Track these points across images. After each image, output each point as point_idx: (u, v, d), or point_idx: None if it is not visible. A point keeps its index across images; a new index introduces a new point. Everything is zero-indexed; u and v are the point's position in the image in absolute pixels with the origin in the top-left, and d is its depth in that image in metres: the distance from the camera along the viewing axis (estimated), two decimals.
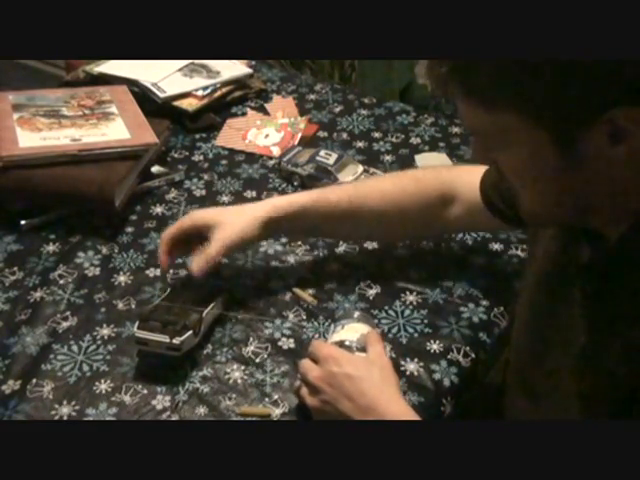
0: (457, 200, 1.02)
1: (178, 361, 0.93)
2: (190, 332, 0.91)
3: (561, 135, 0.63)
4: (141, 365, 0.94)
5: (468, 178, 1.00)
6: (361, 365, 0.85)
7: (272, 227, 1.00)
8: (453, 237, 1.15)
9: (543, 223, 0.79)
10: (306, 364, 0.87)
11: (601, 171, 0.65)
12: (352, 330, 0.91)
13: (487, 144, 0.70)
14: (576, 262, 0.75)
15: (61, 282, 1.07)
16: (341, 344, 0.89)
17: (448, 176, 1.03)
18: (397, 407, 0.82)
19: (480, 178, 0.97)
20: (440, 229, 1.10)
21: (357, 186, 1.07)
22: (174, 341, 0.90)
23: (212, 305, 0.97)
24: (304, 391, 0.87)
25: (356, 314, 0.94)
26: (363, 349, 0.88)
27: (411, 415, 0.82)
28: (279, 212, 0.99)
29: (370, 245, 1.13)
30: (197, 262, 0.97)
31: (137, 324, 0.92)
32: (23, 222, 1.16)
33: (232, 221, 0.99)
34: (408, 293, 1.05)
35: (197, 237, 1.00)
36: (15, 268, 1.09)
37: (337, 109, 1.47)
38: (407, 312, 1.03)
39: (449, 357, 0.97)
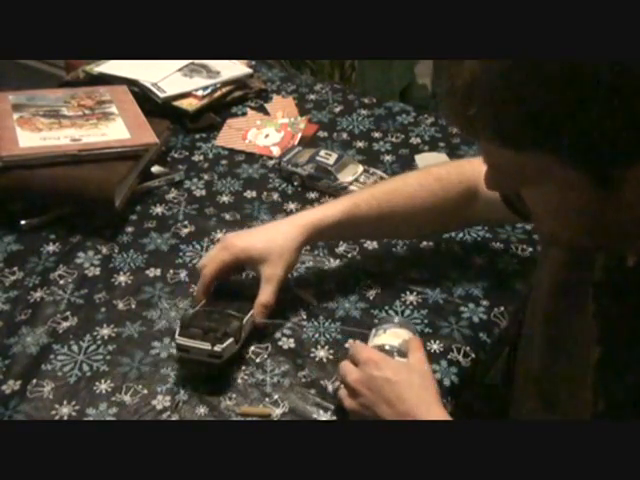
0: (479, 195, 1.01)
1: (218, 369, 0.92)
2: (231, 339, 0.90)
3: (596, 174, 0.61)
4: (141, 365, 0.94)
5: None
6: (401, 370, 0.84)
7: (309, 243, 1.02)
8: (453, 237, 1.15)
9: (564, 246, 0.77)
10: (346, 366, 0.86)
11: (636, 203, 0.62)
12: (394, 335, 0.90)
13: (513, 181, 0.68)
14: (589, 277, 0.74)
15: (61, 282, 1.07)
16: (382, 348, 0.88)
17: (470, 170, 1.02)
18: (436, 415, 0.81)
19: None
20: (464, 223, 1.11)
21: (385, 191, 1.05)
22: (216, 348, 0.89)
23: (252, 311, 0.96)
24: (342, 393, 0.86)
25: (397, 319, 0.93)
26: (404, 355, 0.87)
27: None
28: (317, 232, 1.00)
29: (370, 245, 1.13)
30: (258, 313, 0.96)
31: (178, 331, 0.91)
32: (23, 222, 1.16)
33: (277, 252, 0.97)
34: (408, 293, 1.05)
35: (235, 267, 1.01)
36: (15, 268, 1.09)
37: (337, 109, 1.47)
38: (407, 312, 1.03)
39: (449, 357, 0.97)
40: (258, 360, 0.96)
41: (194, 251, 1.13)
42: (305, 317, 1.02)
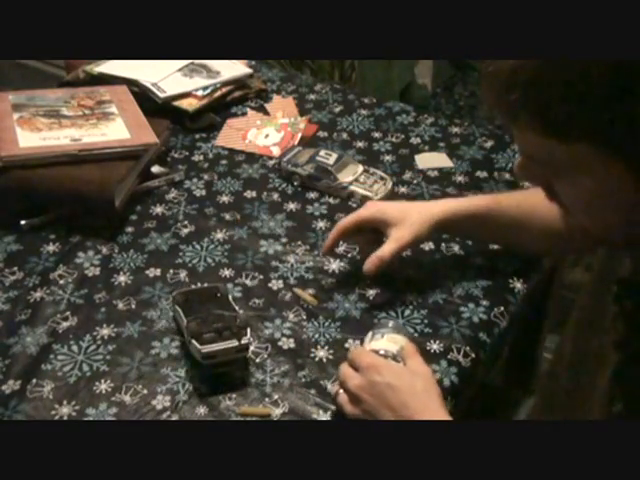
0: None
1: (245, 363, 0.94)
2: (249, 328, 0.92)
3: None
4: (141, 365, 0.94)
5: None
6: (404, 375, 0.84)
7: (442, 228, 1.03)
8: (453, 237, 1.15)
9: (595, 241, 0.75)
10: (346, 371, 0.85)
11: None
12: (392, 340, 0.89)
13: (551, 172, 0.66)
14: (616, 274, 0.73)
15: (61, 282, 1.07)
16: (380, 353, 0.87)
17: None
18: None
19: None
20: (566, 248, 1.07)
21: (526, 195, 1.03)
22: (243, 341, 0.90)
23: (233, 303, 0.97)
24: (342, 398, 0.85)
25: (391, 323, 0.93)
26: (401, 361, 0.87)
27: None
28: (454, 214, 1.00)
29: None
30: (371, 262, 0.99)
31: (195, 343, 0.90)
32: (23, 222, 1.16)
33: (411, 220, 1.00)
34: (408, 293, 1.05)
35: (369, 228, 1.03)
36: (15, 268, 1.09)
37: (337, 109, 1.47)
38: (407, 312, 1.03)
39: (449, 357, 0.97)
40: (258, 360, 0.96)
41: (194, 251, 1.13)
42: (305, 317, 1.02)
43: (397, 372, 0.84)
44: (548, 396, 0.90)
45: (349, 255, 1.12)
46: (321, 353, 0.97)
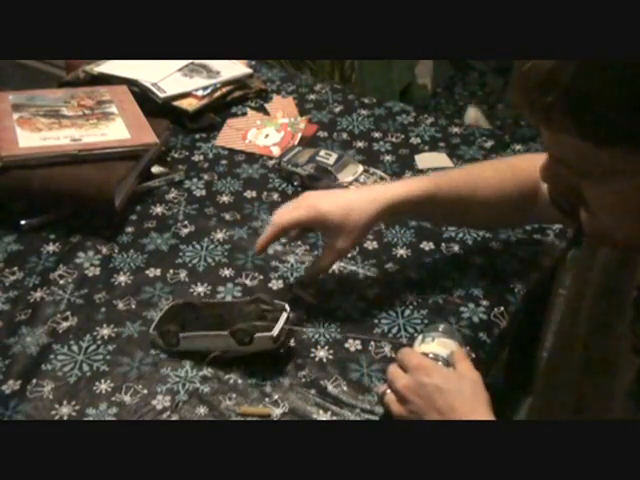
0: (540, 192, 0.98)
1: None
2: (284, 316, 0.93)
3: None
4: (141, 365, 0.94)
5: None
6: (452, 379, 0.83)
7: (383, 221, 1.02)
8: (453, 237, 1.15)
9: (619, 246, 0.74)
10: (395, 372, 0.85)
11: None
12: (442, 345, 0.88)
13: (581, 175, 0.64)
14: (635, 280, 0.72)
15: (61, 282, 1.07)
16: (430, 356, 0.87)
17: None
18: None
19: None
20: (525, 218, 1.09)
21: (465, 174, 1.04)
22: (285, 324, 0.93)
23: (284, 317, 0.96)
24: (390, 398, 0.85)
25: (441, 327, 0.92)
26: (451, 365, 0.86)
27: None
28: (394, 209, 0.97)
29: (370, 245, 1.13)
30: (310, 273, 1.00)
31: (264, 334, 0.91)
32: (23, 222, 1.16)
33: (350, 227, 0.96)
34: (408, 293, 1.05)
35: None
36: (15, 268, 1.09)
37: (337, 109, 1.47)
38: (407, 312, 1.03)
39: None
40: (258, 360, 0.96)
41: (194, 251, 1.13)
42: (305, 317, 1.02)
43: (446, 375, 0.84)
44: (548, 396, 0.90)
45: (349, 255, 1.12)
46: (321, 353, 0.97)
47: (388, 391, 0.86)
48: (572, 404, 0.82)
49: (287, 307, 0.94)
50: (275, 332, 0.90)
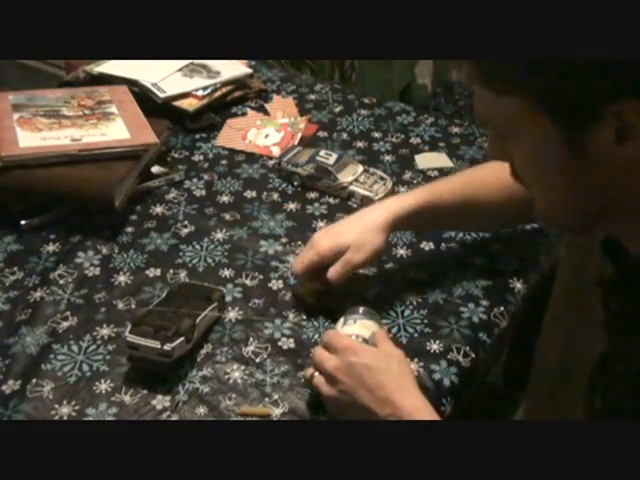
0: None
1: (169, 368, 0.92)
2: (182, 339, 0.90)
3: (567, 126, 0.61)
4: (141, 365, 0.94)
5: None
6: (380, 357, 0.86)
7: (391, 232, 1.02)
8: (453, 237, 1.15)
9: (556, 227, 0.77)
10: (322, 354, 0.87)
11: (610, 173, 0.62)
12: (363, 326, 0.91)
13: (498, 133, 0.68)
14: (599, 276, 0.73)
15: (61, 282, 1.07)
16: (352, 337, 0.89)
17: None
18: (414, 401, 0.83)
19: None
20: (526, 217, 1.07)
21: (467, 181, 1.05)
22: (165, 347, 0.89)
23: (207, 310, 0.96)
24: (319, 380, 0.87)
25: (361, 309, 0.94)
26: (373, 346, 0.88)
27: (428, 409, 0.82)
28: (399, 221, 1.00)
29: None
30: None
31: (129, 328, 0.92)
32: (23, 222, 1.16)
33: (367, 247, 0.98)
34: (408, 293, 1.05)
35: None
36: (15, 268, 1.09)
37: (337, 109, 1.47)
38: (407, 312, 1.03)
39: (449, 357, 0.97)
40: (258, 360, 0.96)
41: (194, 251, 1.13)
42: (305, 317, 1.02)
43: (373, 354, 0.86)
44: (536, 396, 0.90)
45: None
46: None
47: (316, 373, 0.87)
48: (549, 404, 0.83)
49: (168, 347, 0.89)
50: (129, 338, 0.90)
